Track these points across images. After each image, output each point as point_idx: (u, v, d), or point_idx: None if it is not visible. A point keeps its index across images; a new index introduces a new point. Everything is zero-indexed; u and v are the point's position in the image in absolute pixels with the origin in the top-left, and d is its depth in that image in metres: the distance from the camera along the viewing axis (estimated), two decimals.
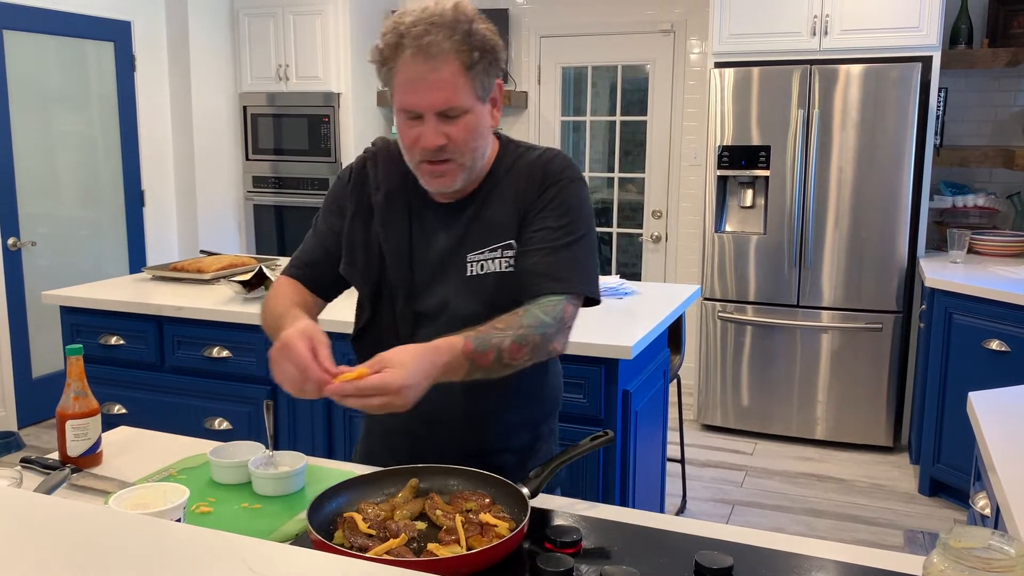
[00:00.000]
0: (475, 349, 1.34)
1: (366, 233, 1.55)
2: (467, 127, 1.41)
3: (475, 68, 1.39)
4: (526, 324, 1.39)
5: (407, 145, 1.44)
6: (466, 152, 1.43)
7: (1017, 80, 4.33)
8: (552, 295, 1.44)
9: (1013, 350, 3.32)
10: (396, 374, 1.24)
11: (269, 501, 1.44)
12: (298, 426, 2.84)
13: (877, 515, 3.58)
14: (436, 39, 1.35)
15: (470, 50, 1.37)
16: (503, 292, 1.49)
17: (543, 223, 1.48)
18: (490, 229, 1.51)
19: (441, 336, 1.39)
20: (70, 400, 1.56)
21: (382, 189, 1.55)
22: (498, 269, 1.50)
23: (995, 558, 0.88)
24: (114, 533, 0.91)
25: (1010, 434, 1.68)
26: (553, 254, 1.46)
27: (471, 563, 1.15)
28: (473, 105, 1.41)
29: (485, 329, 1.38)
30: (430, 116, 1.39)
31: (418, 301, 1.53)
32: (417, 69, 1.37)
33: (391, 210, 1.54)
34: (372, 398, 1.23)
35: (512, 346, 1.37)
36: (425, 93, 1.38)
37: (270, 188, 5.54)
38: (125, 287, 3.19)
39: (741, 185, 4.38)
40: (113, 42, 4.91)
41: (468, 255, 1.51)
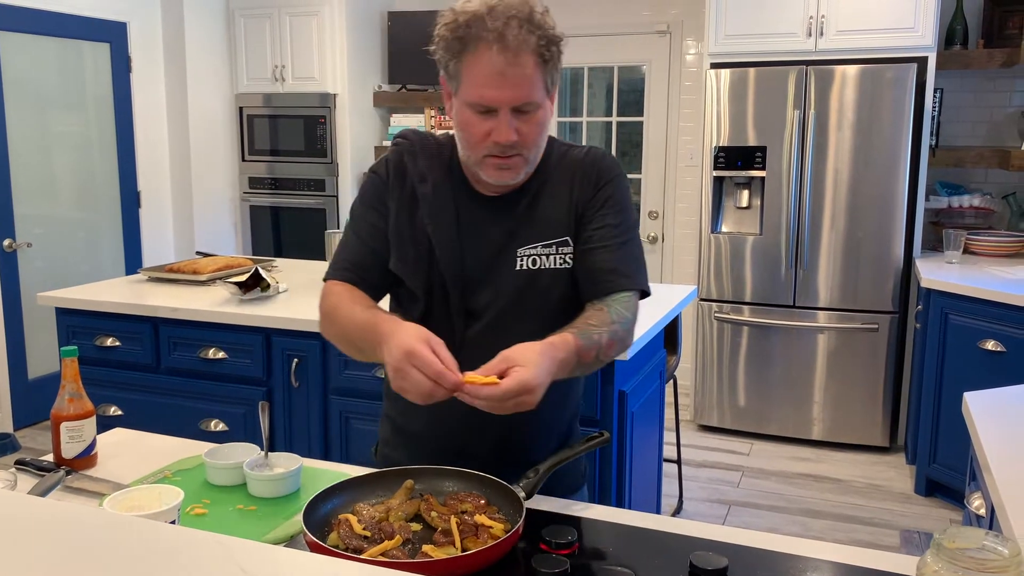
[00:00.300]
0: (583, 345, 1.36)
1: (412, 227, 1.51)
2: (538, 122, 1.41)
3: (549, 62, 1.38)
4: (616, 320, 1.43)
5: (477, 138, 1.41)
6: (533, 147, 1.44)
7: (1012, 81, 4.34)
8: (624, 291, 1.47)
9: (1009, 350, 3.32)
10: (529, 372, 1.24)
11: (264, 503, 1.43)
12: (294, 428, 2.84)
13: (873, 515, 3.58)
14: (519, 33, 1.33)
15: (547, 45, 1.37)
16: (555, 288, 1.50)
17: (603, 220, 1.49)
18: (544, 225, 1.50)
19: (490, 332, 1.45)
20: (65, 402, 1.55)
21: (428, 180, 1.51)
22: (553, 265, 1.49)
23: (989, 559, 0.88)
24: (108, 535, 0.91)
25: (1005, 434, 1.68)
26: (618, 250, 1.49)
27: (466, 564, 1.15)
28: (544, 100, 1.41)
29: (582, 326, 1.39)
30: (505, 111, 1.37)
31: (470, 294, 1.50)
32: (498, 63, 1.34)
33: (438, 202, 1.50)
34: (508, 401, 1.23)
35: (608, 342, 1.40)
36: (505, 88, 1.35)
37: (266, 189, 5.54)
38: (121, 288, 3.19)
39: (737, 186, 4.38)
40: (109, 43, 4.91)
41: (519, 249, 1.49)
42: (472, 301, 1.50)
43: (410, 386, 1.25)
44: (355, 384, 2.72)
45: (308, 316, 2.72)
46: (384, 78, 5.65)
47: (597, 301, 1.46)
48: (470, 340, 1.49)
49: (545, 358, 1.27)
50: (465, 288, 1.49)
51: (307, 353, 2.76)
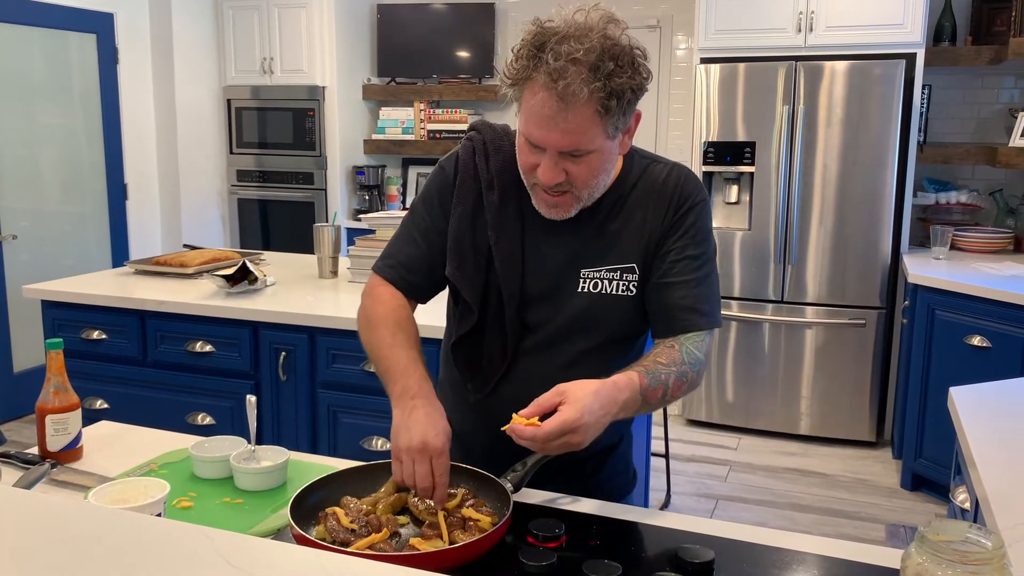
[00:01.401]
0: (648, 385, 1.31)
1: (474, 235, 1.45)
2: (590, 165, 1.33)
3: (612, 113, 1.29)
4: (687, 361, 1.37)
5: (526, 167, 1.37)
6: (584, 188, 1.36)
7: (1000, 78, 4.36)
8: (700, 330, 1.41)
9: (994, 346, 3.35)
10: (574, 413, 1.19)
11: (251, 496, 1.43)
12: (282, 421, 2.83)
13: (859, 509, 3.60)
14: (573, 83, 1.24)
15: (608, 96, 1.26)
16: (615, 312, 1.44)
17: (683, 252, 1.42)
18: (611, 247, 1.43)
19: (543, 347, 1.41)
20: (50, 394, 1.54)
21: (496, 189, 1.44)
22: (615, 291, 1.43)
23: (972, 551, 0.89)
24: (93, 528, 0.91)
25: (990, 429, 1.69)
26: (697, 286, 1.42)
27: (453, 557, 1.15)
28: (602, 144, 1.32)
29: (650, 364, 1.34)
30: (552, 152, 1.31)
31: (527, 310, 1.45)
32: (548, 107, 1.26)
33: (505, 213, 1.44)
34: (552, 442, 1.20)
35: (676, 383, 1.35)
36: (552, 133, 1.28)
37: (254, 182, 5.51)
38: (107, 281, 3.17)
39: (726, 181, 4.39)
40: (96, 34, 4.87)
41: (583, 270, 1.43)
42: (528, 316, 1.45)
43: (412, 471, 1.26)
44: (343, 378, 2.71)
45: (296, 309, 2.71)
46: (373, 71, 5.64)
47: (670, 338, 1.41)
48: (522, 352, 1.46)
49: (599, 398, 1.23)
50: (522, 304, 1.45)
51: (295, 346, 2.75)
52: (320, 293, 2.94)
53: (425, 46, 5.40)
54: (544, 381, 1.28)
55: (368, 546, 1.17)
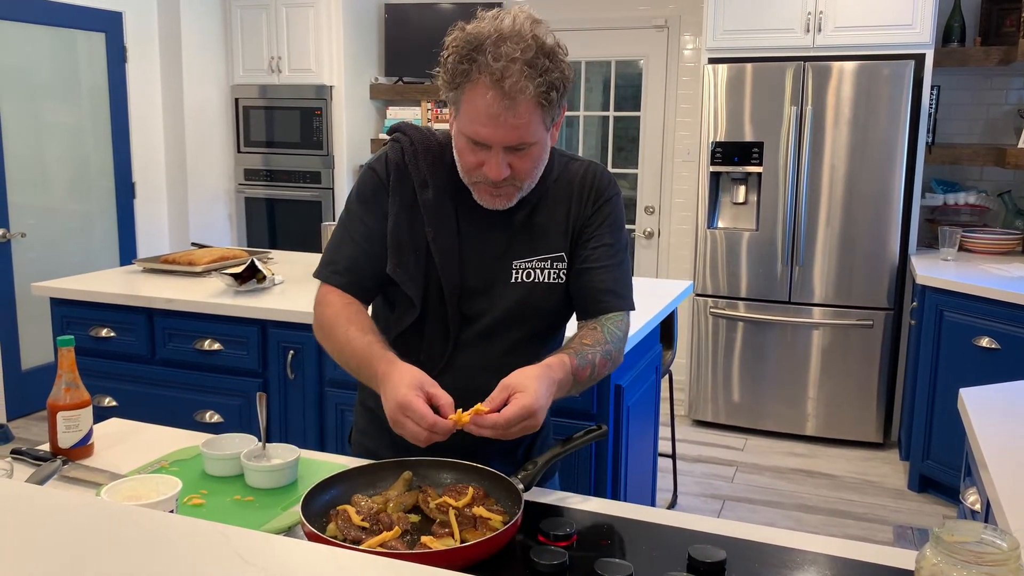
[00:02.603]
0: (578, 365, 1.39)
1: (412, 232, 1.50)
2: (532, 157, 1.42)
3: (552, 105, 1.37)
4: (609, 340, 1.47)
5: (469, 166, 1.42)
6: (527, 179, 1.45)
7: (1009, 79, 4.35)
8: (618, 311, 1.52)
9: (1003, 347, 3.34)
10: (529, 397, 1.26)
11: (262, 493, 1.43)
12: (289, 420, 2.83)
13: (867, 511, 3.59)
14: (518, 81, 1.31)
15: (548, 90, 1.35)
16: (549, 300, 1.52)
17: (601, 240, 1.52)
18: (540, 239, 1.52)
19: (482, 338, 1.48)
20: (61, 391, 1.55)
21: (430, 186, 1.50)
22: (546, 280, 1.51)
23: (987, 552, 0.88)
24: (107, 524, 0.91)
25: (1001, 430, 1.69)
26: (614, 271, 1.52)
27: (465, 556, 1.15)
28: (541, 136, 1.41)
29: (577, 346, 1.43)
30: (498, 148, 1.38)
31: (466, 303, 1.51)
32: (494, 105, 1.33)
33: (440, 209, 1.50)
34: (513, 427, 1.26)
35: (601, 361, 1.44)
36: (499, 130, 1.35)
37: (262, 181, 5.52)
38: (116, 279, 3.18)
39: (734, 181, 4.38)
40: (104, 33, 4.88)
41: (515, 261, 1.51)
42: (468, 308, 1.51)
43: (408, 434, 1.29)
44: (351, 376, 2.68)
45: (304, 308, 2.71)
46: (380, 70, 5.64)
47: (591, 320, 1.51)
48: (463, 343, 1.52)
49: (543, 382, 1.30)
50: (462, 296, 1.50)
51: (303, 345, 2.76)
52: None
53: (433, 45, 5.32)
54: (482, 371, 1.37)
55: (380, 544, 1.17)
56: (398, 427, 1.30)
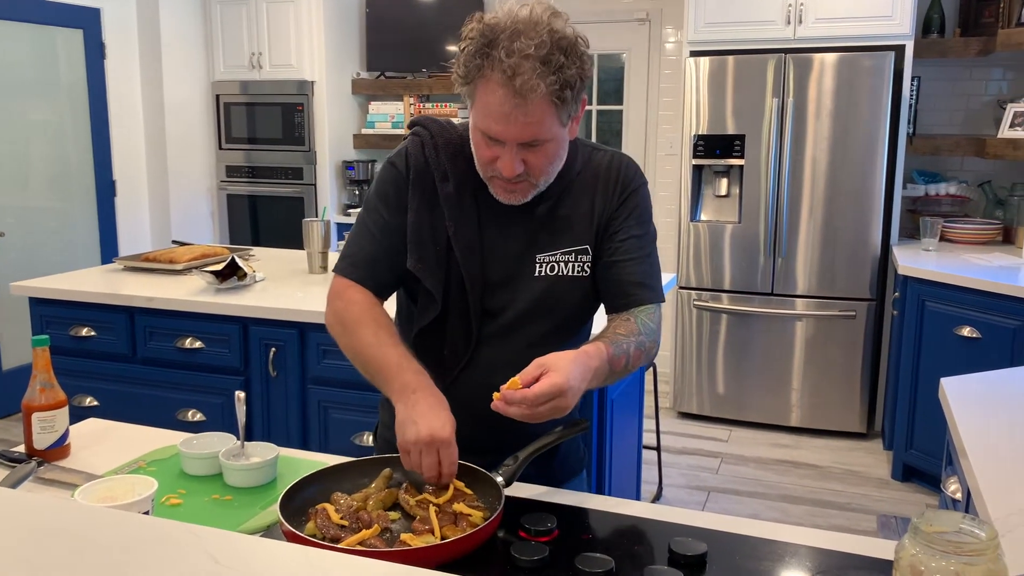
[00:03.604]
0: (614, 354, 1.36)
1: (433, 227, 1.48)
2: (547, 153, 1.39)
3: (566, 102, 1.34)
4: (643, 331, 1.44)
5: (484, 160, 1.40)
6: (542, 175, 1.42)
7: (988, 69, 4.37)
8: (650, 303, 1.48)
9: (984, 336, 3.36)
10: (561, 376, 1.23)
11: (240, 492, 1.42)
12: (272, 418, 2.82)
13: (851, 500, 3.61)
14: (529, 80, 1.28)
15: (562, 88, 1.31)
16: (573, 294, 1.50)
17: (629, 232, 1.49)
18: (563, 232, 1.49)
19: (505, 332, 1.46)
20: (36, 392, 1.53)
21: (451, 179, 1.48)
22: (570, 273, 1.49)
23: (966, 542, 0.88)
24: (79, 527, 0.90)
25: (981, 419, 1.69)
26: (643, 263, 1.49)
27: (445, 553, 1.14)
28: (557, 133, 1.37)
29: (612, 335, 1.40)
30: (511, 144, 1.35)
31: (488, 297, 1.49)
32: (505, 104, 1.30)
33: (461, 202, 1.47)
34: (543, 405, 1.23)
35: (636, 352, 1.41)
36: (512, 127, 1.33)
37: (243, 177, 5.49)
38: (96, 278, 3.15)
39: (716, 174, 4.39)
40: (82, 29, 4.83)
41: (538, 255, 1.48)
42: (489, 302, 1.49)
43: (419, 461, 1.27)
44: (333, 373, 2.70)
45: (286, 305, 2.70)
46: (362, 65, 5.61)
47: (624, 312, 1.47)
48: (484, 339, 1.49)
49: (578, 364, 1.27)
50: (484, 290, 1.48)
51: (285, 342, 2.74)
52: (310, 288, 2.93)
53: (414, 40, 5.37)
54: (506, 367, 1.32)
55: (359, 542, 1.16)
56: (415, 450, 1.27)
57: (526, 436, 1.41)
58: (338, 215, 5.35)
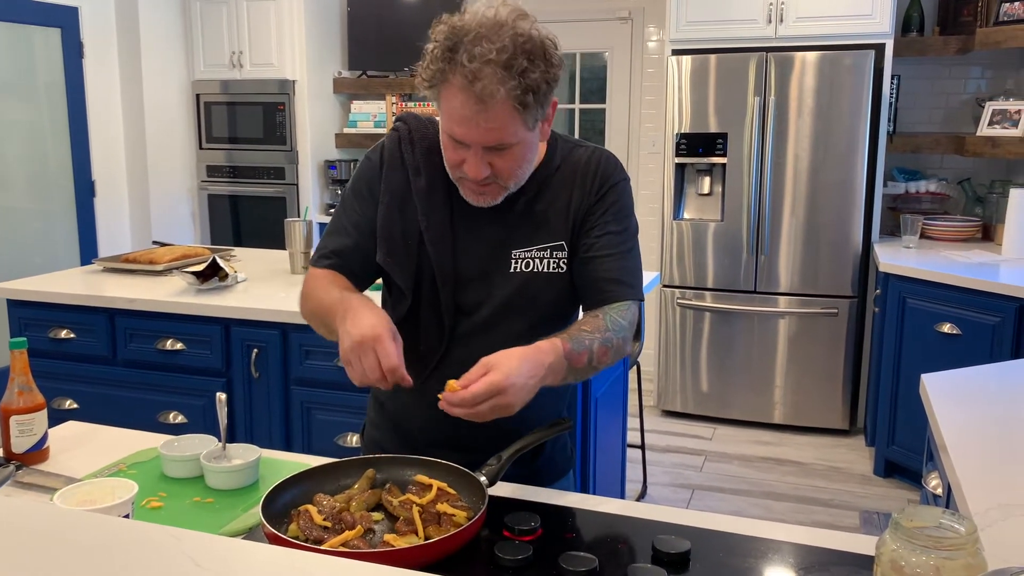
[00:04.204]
0: (572, 350, 1.34)
1: (404, 221, 1.48)
2: (514, 157, 1.37)
3: (529, 107, 1.32)
4: (610, 328, 1.41)
5: (450, 163, 1.40)
6: (511, 178, 1.40)
7: (967, 68, 4.40)
8: (625, 300, 1.46)
9: (964, 333, 3.38)
10: (499, 375, 1.22)
11: (222, 495, 1.41)
12: (255, 419, 2.80)
13: (834, 497, 3.63)
14: (488, 85, 1.27)
15: (524, 92, 1.29)
16: (548, 291, 1.48)
17: (605, 228, 1.47)
18: (539, 227, 1.48)
19: (480, 330, 1.44)
20: (14, 395, 1.51)
21: (423, 174, 1.48)
22: (546, 269, 1.47)
23: (946, 536, 0.89)
24: (58, 530, 0.89)
25: (961, 415, 1.71)
26: (621, 259, 1.47)
27: (429, 553, 1.13)
28: (524, 136, 1.36)
29: (574, 332, 1.38)
30: (476, 148, 1.34)
31: (461, 293, 1.48)
32: (467, 109, 1.30)
33: (433, 197, 1.47)
34: (483, 404, 1.21)
35: (601, 348, 1.38)
36: (474, 131, 1.32)
37: (224, 177, 5.45)
38: (75, 279, 3.12)
39: (699, 172, 4.40)
40: (60, 28, 4.78)
41: (514, 251, 1.47)
42: (462, 298, 1.48)
43: (361, 367, 1.26)
44: (316, 374, 2.68)
45: (267, 306, 2.68)
46: (344, 64, 5.59)
47: (595, 309, 1.46)
48: (459, 336, 1.48)
49: (524, 362, 1.25)
50: (456, 286, 1.48)
51: (267, 343, 2.72)
52: (292, 289, 2.91)
53: (396, 39, 5.35)
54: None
55: (342, 544, 1.15)
56: (356, 355, 1.27)
57: (506, 433, 1.41)
58: (320, 215, 5.33)
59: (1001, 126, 3.98)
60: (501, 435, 1.40)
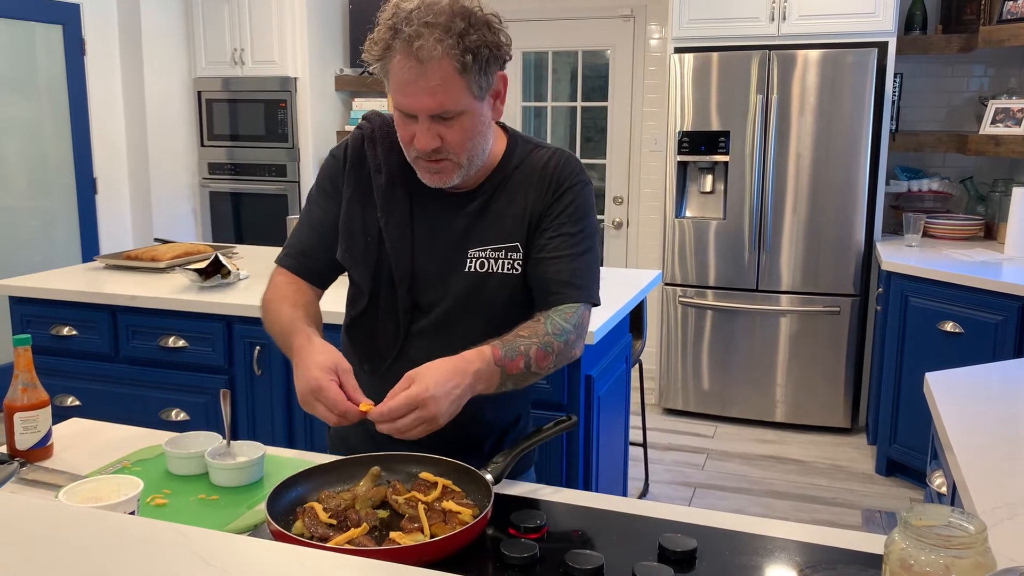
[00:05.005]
0: (504, 356, 1.34)
1: (365, 218, 1.49)
2: (462, 128, 1.37)
3: (470, 70, 1.32)
4: (550, 331, 1.40)
5: (404, 141, 1.41)
6: (462, 152, 1.39)
7: (969, 66, 4.40)
8: (572, 303, 1.45)
9: (967, 331, 3.38)
10: (419, 386, 1.23)
11: (226, 492, 1.41)
12: (257, 416, 2.80)
13: (835, 495, 3.63)
14: (426, 43, 1.28)
15: (463, 52, 1.30)
16: (502, 291, 1.48)
17: (559, 229, 1.47)
18: (496, 227, 1.48)
19: (435, 328, 1.44)
20: (18, 392, 1.51)
21: (384, 172, 1.49)
22: (501, 270, 1.47)
23: (955, 535, 0.89)
24: (64, 528, 0.88)
25: (965, 413, 1.70)
26: (573, 261, 1.46)
27: (434, 551, 1.13)
28: (469, 105, 1.36)
29: (510, 337, 1.38)
30: (424, 118, 1.35)
31: (418, 292, 1.48)
32: (408, 72, 1.31)
33: (393, 195, 1.48)
34: (404, 418, 1.22)
35: (539, 353, 1.38)
36: (417, 97, 1.32)
37: (226, 175, 5.45)
38: (77, 276, 3.11)
39: (701, 171, 4.40)
40: (62, 25, 4.78)
41: (470, 250, 1.47)
42: (420, 297, 1.49)
43: (318, 416, 1.28)
44: None
45: None
46: (346, 61, 5.58)
47: (541, 312, 1.45)
48: (415, 335, 1.49)
49: (445, 372, 1.26)
50: (413, 284, 1.48)
51: (269, 340, 2.70)
52: None
53: None
54: None
55: (347, 541, 1.15)
56: (309, 408, 1.29)
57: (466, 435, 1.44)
58: None
59: (1004, 125, 3.98)
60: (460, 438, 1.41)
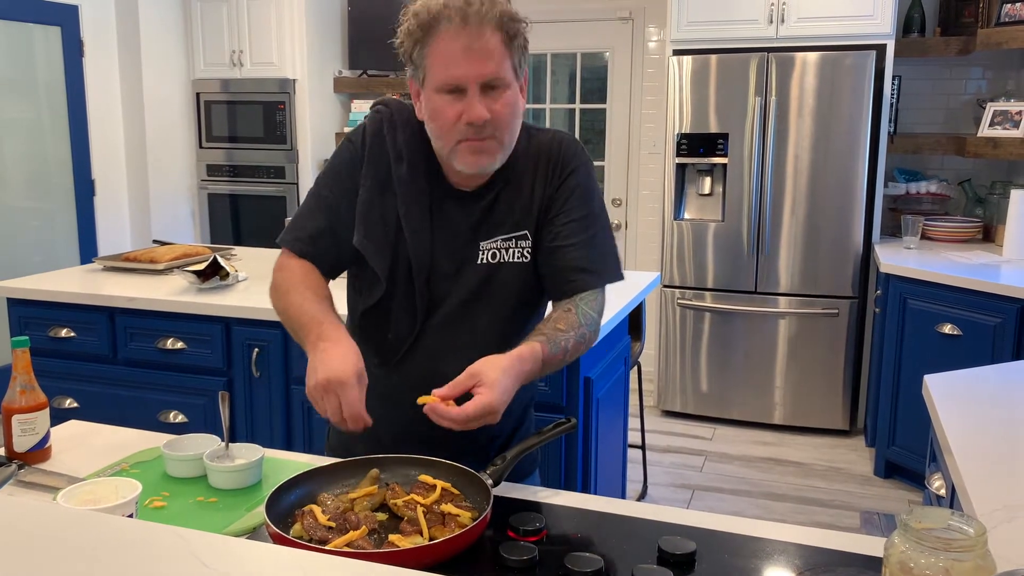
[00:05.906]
0: (551, 352, 1.37)
1: (384, 206, 1.47)
2: (508, 103, 1.38)
3: (515, 43, 1.37)
4: (583, 323, 1.44)
5: (449, 123, 1.37)
6: (507, 130, 1.40)
7: (968, 68, 4.40)
8: (592, 289, 1.47)
9: (965, 334, 3.38)
10: (493, 395, 1.25)
11: (225, 495, 1.40)
12: (255, 419, 2.80)
13: (834, 497, 3.63)
14: (480, 8, 1.32)
15: (510, 20, 1.36)
16: (515, 281, 1.48)
17: (568, 215, 1.47)
18: (504, 218, 1.48)
19: (448, 322, 1.45)
20: (16, 394, 1.51)
21: (405, 160, 1.47)
22: (512, 259, 1.48)
23: (955, 538, 0.89)
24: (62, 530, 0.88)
25: (964, 416, 1.70)
26: (586, 247, 1.47)
27: (433, 554, 1.13)
28: (512, 81, 1.39)
29: (551, 332, 1.39)
30: (474, 89, 1.34)
31: (435, 284, 1.48)
32: (462, 38, 1.32)
33: (414, 185, 1.47)
34: (472, 422, 1.25)
35: (574, 346, 1.42)
36: (472, 63, 1.33)
37: (225, 176, 5.44)
38: (76, 278, 3.11)
39: (699, 173, 4.40)
40: (60, 26, 4.78)
41: (482, 242, 1.47)
42: (436, 289, 1.48)
43: (325, 408, 1.28)
44: None
45: (268, 305, 2.66)
46: (345, 63, 5.58)
47: (566, 300, 1.46)
48: (431, 325, 1.48)
49: (510, 375, 1.29)
50: (431, 276, 1.47)
51: (268, 342, 2.72)
52: None
53: None
54: (449, 355, 1.35)
55: (346, 544, 1.15)
56: (319, 396, 1.28)
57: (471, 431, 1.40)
58: None
59: (1002, 127, 3.98)
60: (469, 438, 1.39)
